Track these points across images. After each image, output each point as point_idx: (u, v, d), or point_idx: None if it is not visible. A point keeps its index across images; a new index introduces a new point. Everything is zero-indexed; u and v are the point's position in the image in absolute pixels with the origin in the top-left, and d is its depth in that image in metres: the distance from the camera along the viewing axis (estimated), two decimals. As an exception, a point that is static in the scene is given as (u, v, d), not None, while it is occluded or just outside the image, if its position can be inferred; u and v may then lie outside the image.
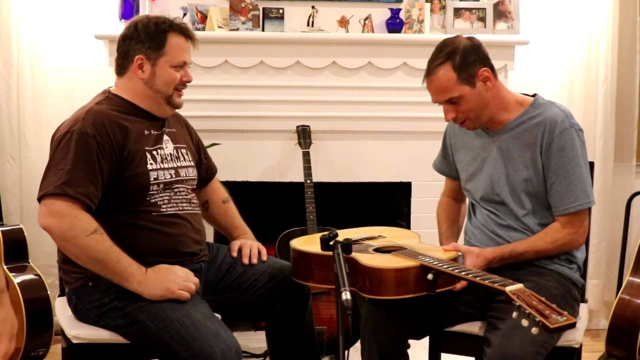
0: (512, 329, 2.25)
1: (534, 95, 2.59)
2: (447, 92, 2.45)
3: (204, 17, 3.86)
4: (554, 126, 2.46)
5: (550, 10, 4.04)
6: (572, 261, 2.56)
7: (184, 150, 2.61)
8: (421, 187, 3.98)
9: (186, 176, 2.57)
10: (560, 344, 2.44)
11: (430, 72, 2.47)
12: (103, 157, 2.35)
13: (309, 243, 2.54)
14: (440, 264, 2.24)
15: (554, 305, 1.91)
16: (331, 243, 2.15)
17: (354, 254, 2.32)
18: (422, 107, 3.92)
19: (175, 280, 2.37)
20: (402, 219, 4.14)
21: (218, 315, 2.51)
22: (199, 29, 3.83)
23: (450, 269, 2.22)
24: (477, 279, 2.13)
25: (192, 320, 2.30)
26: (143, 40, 2.47)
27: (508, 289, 1.99)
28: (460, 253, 2.45)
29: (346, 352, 1.97)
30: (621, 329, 3.42)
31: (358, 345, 3.63)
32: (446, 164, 2.80)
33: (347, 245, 2.15)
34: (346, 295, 1.95)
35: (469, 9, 3.94)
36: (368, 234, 2.65)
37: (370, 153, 3.97)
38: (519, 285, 2.01)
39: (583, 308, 2.63)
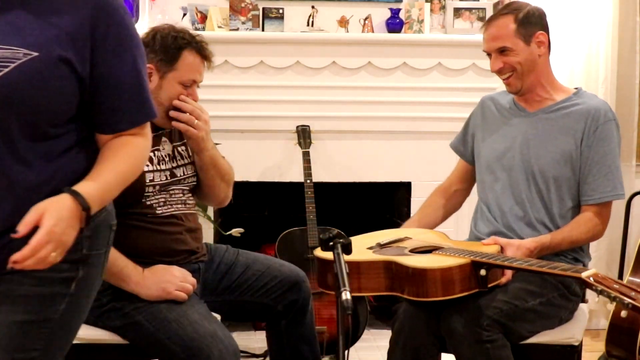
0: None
1: (576, 89, 2.64)
2: (501, 39, 2.50)
3: (204, 17, 3.86)
4: (598, 115, 2.49)
5: (550, 10, 4.03)
6: (577, 259, 2.57)
7: (182, 148, 2.60)
8: (421, 187, 3.97)
9: (183, 175, 2.56)
10: (560, 342, 2.45)
11: (491, 19, 2.57)
12: None
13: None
14: (492, 258, 2.22)
15: (632, 285, 1.95)
16: (331, 243, 2.15)
17: (394, 258, 2.29)
18: (422, 107, 3.93)
19: (172, 280, 2.37)
20: (402, 219, 4.13)
21: (217, 316, 2.51)
22: (198, 29, 3.83)
23: (508, 262, 2.21)
24: (545, 268, 2.13)
25: (189, 321, 2.30)
26: (157, 51, 2.44)
27: (584, 275, 2.01)
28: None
29: (346, 352, 1.98)
30: (621, 329, 3.42)
31: (358, 345, 3.64)
32: (463, 144, 2.79)
33: (347, 246, 2.15)
34: (346, 295, 1.95)
35: (469, 9, 3.94)
36: (393, 237, 2.56)
37: (370, 153, 3.97)
38: (593, 270, 2.04)
39: (583, 308, 2.63)
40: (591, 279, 1.99)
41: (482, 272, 2.23)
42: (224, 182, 2.64)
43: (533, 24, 2.52)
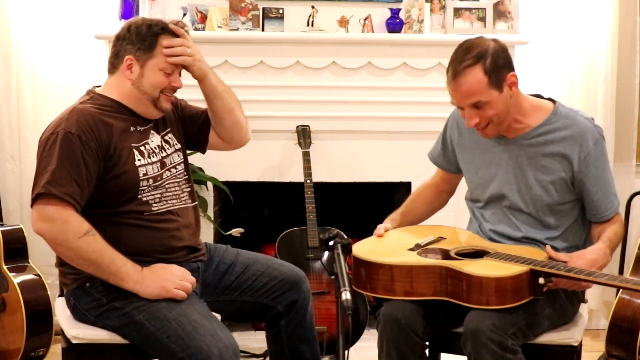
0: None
1: (549, 99, 2.53)
2: (475, 95, 2.34)
3: (203, 17, 3.86)
4: (587, 138, 2.42)
5: (550, 10, 4.04)
6: None
7: (169, 136, 2.60)
8: (421, 187, 3.98)
9: (172, 163, 2.57)
10: (560, 342, 2.45)
11: (458, 73, 2.34)
12: (89, 156, 2.35)
13: (376, 251, 2.45)
14: (555, 268, 2.23)
15: None
16: (331, 243, 2.14)
17: (450, 263, 2.29)
18: (422, 107, 3.93)
19: (172, 279, 2.37)
20: (402, 219, 4.13)
21: (217, 315, 2.51)
22: (198, 29, 3.83)
23: (574, 272, 2.20)
24: (616, 282, 2.15)
25: (189, 320, 2.30)
26: (134, 42, 2.46)
27: None
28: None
29: (346, 352, 1.98)
30: (621, 329, 3.42)
31: (358, 345, 3.64)
32: (444, 159, 2.73)
33: (347, 245, 2.15)
34: (346, 295, 1.95)
35: (469, 9, 3.94)
36: (429, 237, 2.54)
37: (370, 153, 3.97)
38: None
39: (583, 308, 2.63)
40: None
41: (541, 280, 2.23)
42: (238, 107, 2.69)
43: (501, 67, 2.35)
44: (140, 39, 2.46)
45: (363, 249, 2.48)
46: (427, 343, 2.47)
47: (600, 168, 2.46)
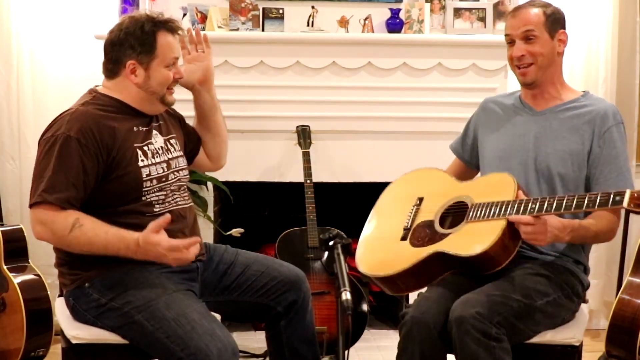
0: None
1: (584, 92, 2.68)
2: (530, 24, 2.53)
3: (204, 17, 3.86)
4: (608, 116, 2.54)
5: (550, 10, 4.04)
6: (579, 262, 2.58)
7: (173, 141, 2.61)
8: (421, 187, 3.98)
9: (177, 167, 2.57)
10: (561, 342, 2.46)
11: (519, 8, 2.59)
12: (87, 159, 2.35)
13: (378, 262, 2.51)
14: (526, 211, 2.29)
15: None
16: (331, 243, 2.15)
17: (438, 247, 2.36)
18: (422, 107, 3.93)
19: (166, 255, 2.34)
20: (402, 219, 4.13)
21: (217, 315, 2.51)
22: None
23: (546, 207, 2.26)
24: (587, 198, 2.20)
25: (188, 320, 2.30)
26: (133, 46, 2.45)
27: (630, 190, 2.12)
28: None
29: (346, 352, 1.98)
30: (621, 329, 3.42)
31: (358, 345, 3.64)
32: (462, 147, 2.82)
33: (347, 246, 2.15)
34: (346, 295, 1.95)
35: (469, 9, 3.94)
36: (407, 208, 2.63)
37: (370, 153, 3.97)
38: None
39: (583, 308, 2.63)
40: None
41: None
42: (224, 122, 2.85)
43: (558, 21, 2.57)
44: (139, 43, 2.45)
45: (366, 263, 2.53)
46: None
47: (619, 150, 2.51)
